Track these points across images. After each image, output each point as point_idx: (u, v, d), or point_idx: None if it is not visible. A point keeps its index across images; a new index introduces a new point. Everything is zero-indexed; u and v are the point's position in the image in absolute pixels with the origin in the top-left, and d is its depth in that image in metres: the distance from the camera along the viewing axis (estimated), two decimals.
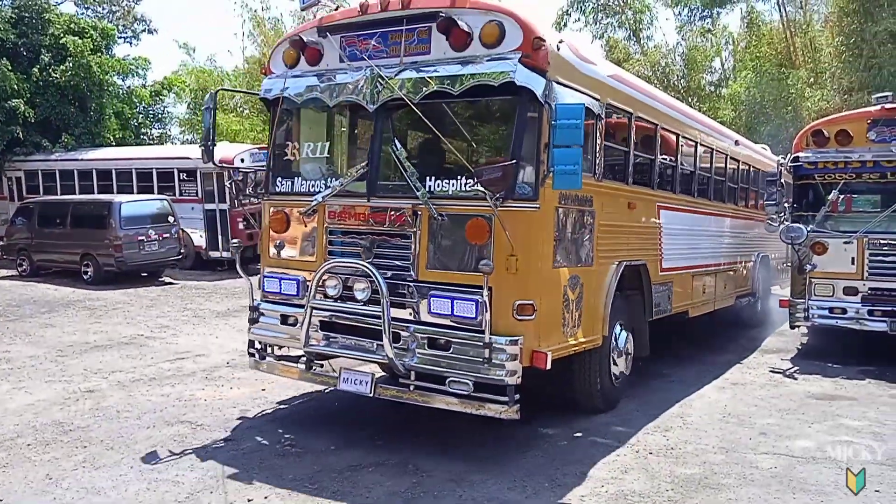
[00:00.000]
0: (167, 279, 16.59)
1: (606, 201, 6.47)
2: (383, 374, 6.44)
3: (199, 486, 5.14)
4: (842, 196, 9.28)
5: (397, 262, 5.71)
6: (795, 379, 8.26)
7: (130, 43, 29.05)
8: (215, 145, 6.75)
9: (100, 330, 10.99)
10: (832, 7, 22.82)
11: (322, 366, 6.37)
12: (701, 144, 9.01)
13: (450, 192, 5.52)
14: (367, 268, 5.63)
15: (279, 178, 6.50)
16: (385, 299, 5.49)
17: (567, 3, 25.52)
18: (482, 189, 5.21)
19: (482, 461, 5.58)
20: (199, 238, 17.78)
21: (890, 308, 8.66)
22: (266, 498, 4.97)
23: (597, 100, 6.15)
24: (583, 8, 25.64)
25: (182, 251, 16.60)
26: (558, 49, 5.62)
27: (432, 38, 5.59)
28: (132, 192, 17.99)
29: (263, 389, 7.63)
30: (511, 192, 5.31)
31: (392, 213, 5.71)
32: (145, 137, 28.03)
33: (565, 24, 25.72)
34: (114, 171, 19.17)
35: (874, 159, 8.94)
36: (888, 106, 9.00)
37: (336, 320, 5.99)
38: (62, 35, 22.16)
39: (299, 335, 5.99)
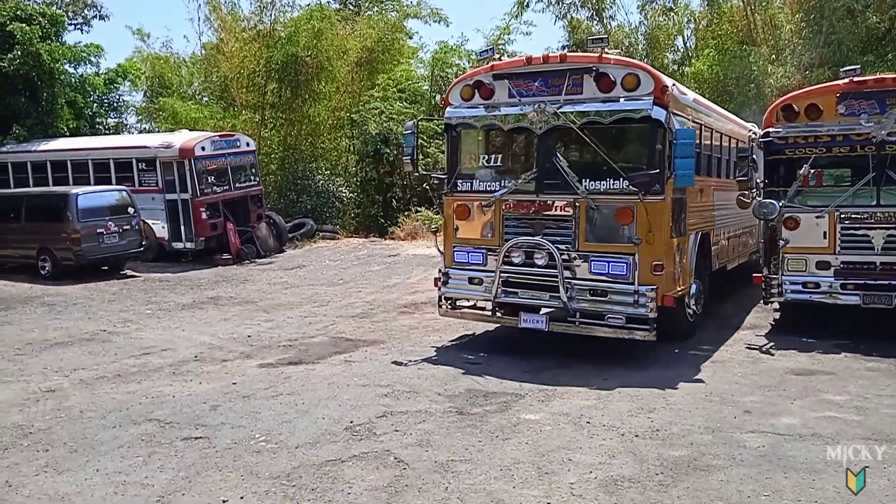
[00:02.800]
0: (129, 272, 16.08)
1: (692, 190, 8.48)
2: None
3: (171, 488, 4.92)
4: (812, 170, 9.22)
5: (559, 238, 7.92)
6: (773, 355, 8.24)
7: (81, 30, 28.09)
8: (419, 160, 9.64)
9: (59, 326, 10.57)
10: None
11: (503, 312, 8.50)
12: (732, 137, 11.14)
13: (600, 189, 7.79)
14: (545, 242, 7.91)
15: (460, 181, 8.69)
16: (560, 263, 7.79)
17: None
18: (633, 188, 7.56)
19: (465, 450, 5.43)
20: (161, 229, 17.29)
21: (862, 281, 8.67)
22: (242, 498, 4.76)
23: (688, 119, 8.41)
24: None
25: (144, 243, 16.09)
26: (672, 90, 7.77)
27: (584, 83, 7.87)
28: (89, 184, 17.36)
29: (234, 383, 7.39)
30: (649, 190, 7.56)
31: (557, 203, 7.92)
32: (101, 127, 27.12)
33: (527, 5, 25.48)
34: (69, 163, 18.48)
35: (843, 133, 8.92)
36: (857, 79, 8.95)
37: (512, 279, 8.14)
38: (8, 22, 21.23)
39: (489, 290, 8.24)
